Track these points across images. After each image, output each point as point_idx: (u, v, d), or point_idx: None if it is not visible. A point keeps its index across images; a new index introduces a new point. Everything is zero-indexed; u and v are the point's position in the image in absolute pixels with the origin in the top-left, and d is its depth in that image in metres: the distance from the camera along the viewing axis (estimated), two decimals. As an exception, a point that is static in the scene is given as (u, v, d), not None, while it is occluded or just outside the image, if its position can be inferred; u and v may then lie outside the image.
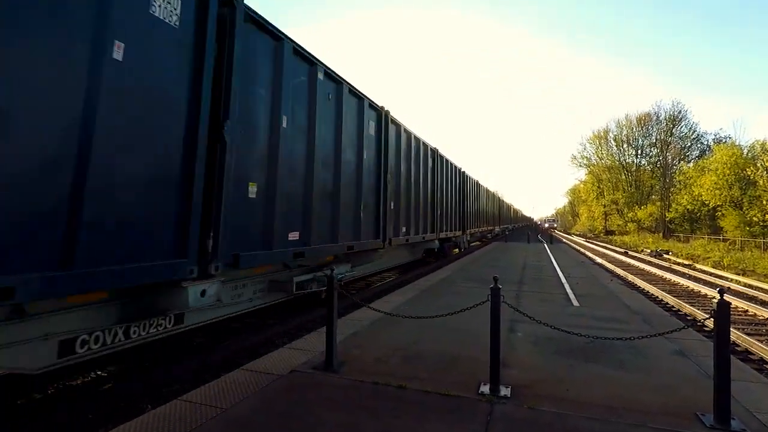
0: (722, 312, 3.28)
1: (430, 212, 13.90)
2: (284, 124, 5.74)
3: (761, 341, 7.96)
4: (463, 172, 20.57)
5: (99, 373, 5.26)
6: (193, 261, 4.28)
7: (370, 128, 8.83)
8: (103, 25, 3.41)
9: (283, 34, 5.73)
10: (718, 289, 3.47)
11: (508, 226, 52.31)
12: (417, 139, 12.28)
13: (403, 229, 10.97)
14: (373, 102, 8.90)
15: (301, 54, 6.23)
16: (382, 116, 9.44)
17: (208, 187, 4.47)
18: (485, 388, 3.87)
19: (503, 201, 50.68)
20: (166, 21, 4.01)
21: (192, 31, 4.32)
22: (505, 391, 3.83)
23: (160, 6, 3.93)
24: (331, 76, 7.11)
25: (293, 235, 6.06)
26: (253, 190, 5.23)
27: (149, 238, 3.89)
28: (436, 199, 14.55)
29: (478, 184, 25.80)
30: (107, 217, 3.49)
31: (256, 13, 5.19)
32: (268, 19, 5.42)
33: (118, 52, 3.51)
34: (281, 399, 3.70)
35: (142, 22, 3.78)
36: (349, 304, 7.37)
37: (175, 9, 4.09)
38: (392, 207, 9.96)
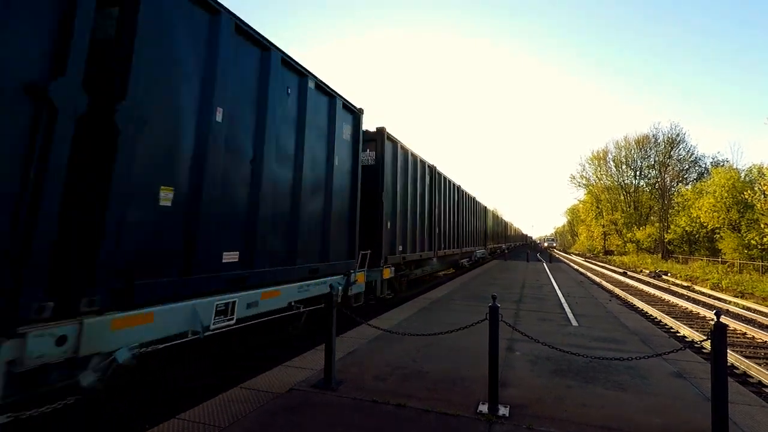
0: (719, 334, 3.30)
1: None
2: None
3: (760, 364, 7.93)
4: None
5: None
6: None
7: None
8: None
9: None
10: (715, 311, 3.50)
11: (509, 245, 52.27)
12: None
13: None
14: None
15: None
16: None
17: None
18: (484, 408, 3.87)
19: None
20: None
21: None
22: (503, 411, 3.83)
23: None
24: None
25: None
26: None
27: None
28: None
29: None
30: None
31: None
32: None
33: None
34: (279, 418, 3.70)
35: None
36: (347, 321, 7.36)
37: None
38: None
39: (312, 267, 6.56)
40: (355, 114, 8.16)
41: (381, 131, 9.69)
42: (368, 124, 10.46)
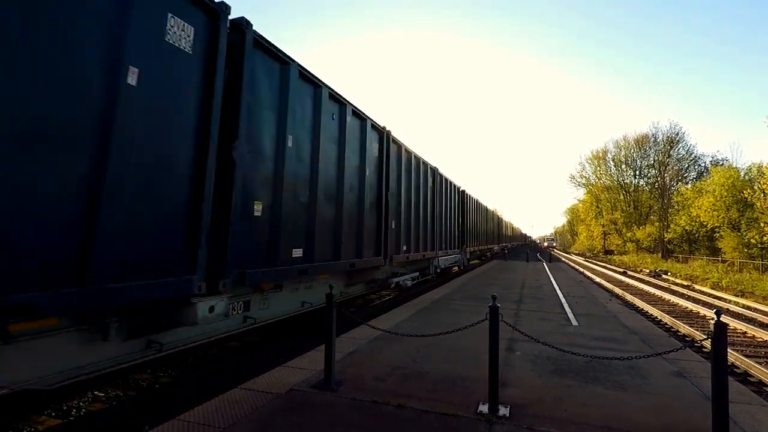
0: (720, 333, 3.30)
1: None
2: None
3: (760, 363, 7.93)
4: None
5: (96, 393, 5.22)
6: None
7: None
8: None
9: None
10: (715, 310, 3.50)
11: (508, 245, 52.28)
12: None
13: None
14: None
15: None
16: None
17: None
18: (484, 408, 3.87)
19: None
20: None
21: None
22: (503, 411, 3.82)
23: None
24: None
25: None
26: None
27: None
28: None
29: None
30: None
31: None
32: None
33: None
34: (279, 418, 3.69)
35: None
36: (348, 321, 7.35)
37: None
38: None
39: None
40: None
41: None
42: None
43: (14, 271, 2.88)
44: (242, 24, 4.98)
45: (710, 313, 12.92)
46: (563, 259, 47.35)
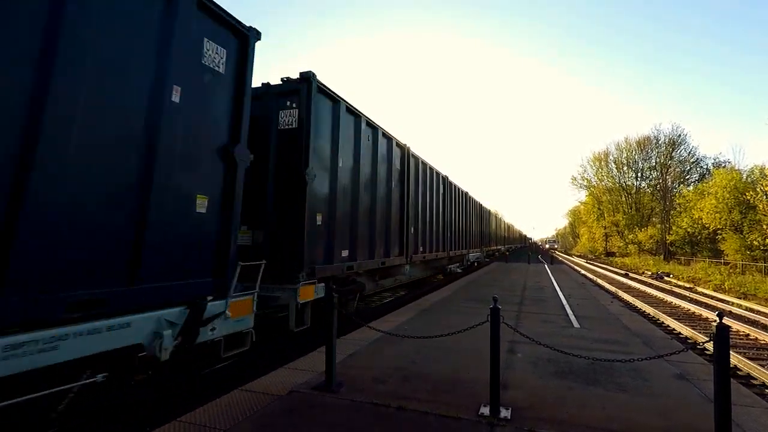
0: (722, 335, 3.28)
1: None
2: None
3: (763, 366, 7.90)
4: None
5: (97, 394, 5.21)
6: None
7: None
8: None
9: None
10: (717, 312, 3.48)
11: (510, 246, 52.22)
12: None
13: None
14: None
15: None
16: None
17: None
18: (485, 410, 3.85)
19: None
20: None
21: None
22: (505, 413, 3.81)
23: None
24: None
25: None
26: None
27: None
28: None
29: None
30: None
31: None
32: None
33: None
34: (280, 420, 3.69)
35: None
36: (348, 323, 7.35)
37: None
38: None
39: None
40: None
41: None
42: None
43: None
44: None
45: (712, 316, 12.88)
46: (565, 261, 47.26)
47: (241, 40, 5.04)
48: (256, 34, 5.19)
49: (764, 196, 30.68)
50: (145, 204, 3.79)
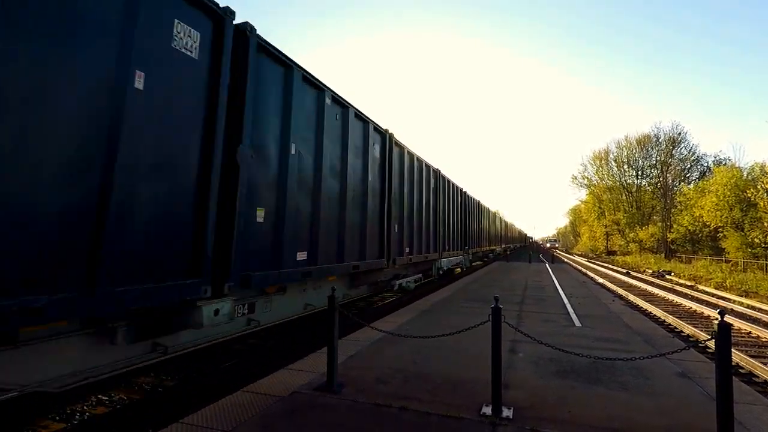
0: (723, 333, 3.28)
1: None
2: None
3: (765, 363, 7.89)
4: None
5: (100, 396, 5.23)
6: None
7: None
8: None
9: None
10: (718, 310, 3.48)
11: (510, 246, 52.21)
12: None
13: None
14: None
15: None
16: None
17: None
18: (487, 410, 3.85)
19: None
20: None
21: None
22: (507, 413, 3.81)
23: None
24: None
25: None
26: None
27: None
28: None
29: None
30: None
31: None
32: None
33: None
34: (282, 421, 3.69)
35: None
36: (349, 323, 7.36)
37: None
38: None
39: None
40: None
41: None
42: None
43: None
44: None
45: (714, 313, 12.85)
46: (566, 260, 47.25)
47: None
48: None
49: (765, 194, 30.65)
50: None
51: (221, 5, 4.58)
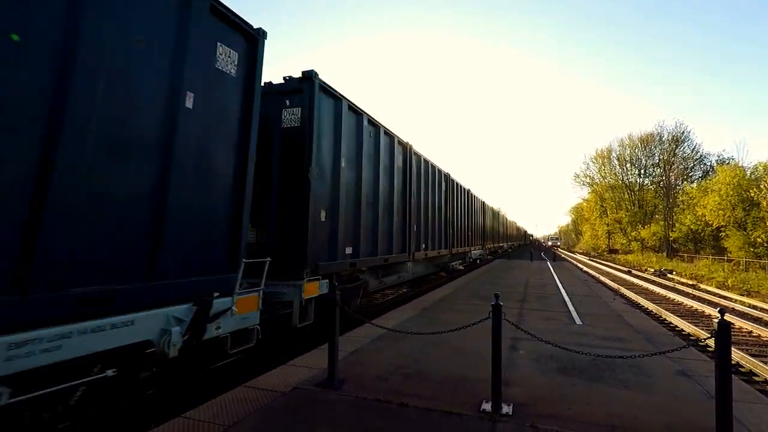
0: (723, 331, 3.29)
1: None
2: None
3: (765, 362, 7.88)
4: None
5: (102, 390, 5.25)
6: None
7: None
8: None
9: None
10: (719, 309, 3.48)
11: (512, 244, 52.18)
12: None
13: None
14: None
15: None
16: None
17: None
18: (487, 406, 3.87)
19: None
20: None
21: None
22: (506, 409, 3.83)
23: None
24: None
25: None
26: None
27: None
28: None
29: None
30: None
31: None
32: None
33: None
34: (283, 416, 3.71)
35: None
36: (351, 320, 7.38)
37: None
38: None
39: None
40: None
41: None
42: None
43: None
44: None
45: (715, 312, 12.84)
46: (567, 258, 47.20)
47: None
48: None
49: (768, 193, 30.56)
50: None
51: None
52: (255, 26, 5.12)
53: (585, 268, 32.43)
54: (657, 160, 57.34)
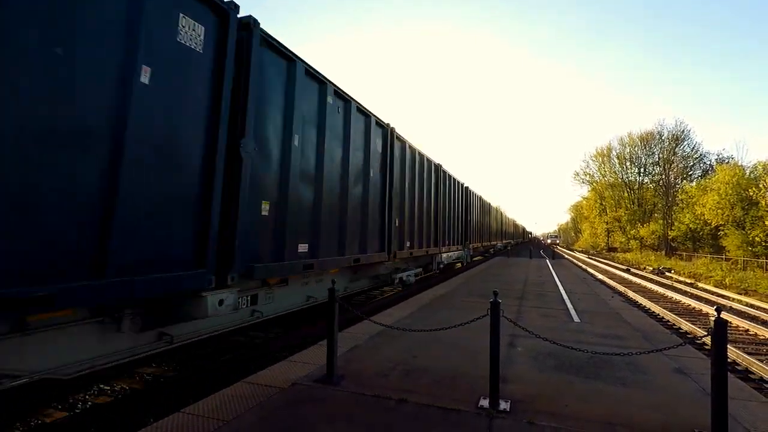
0: (719, 330, 3.31)
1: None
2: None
3: (762, 361, 7.94)
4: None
5: (102, 386, 5.29)
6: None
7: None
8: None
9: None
10: (715, 307, 3.51)
11: (511, 242, 52.22)
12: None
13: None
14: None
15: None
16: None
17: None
18: (485, 402, 3.90)
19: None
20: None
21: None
22: (504, 406, 3.85)
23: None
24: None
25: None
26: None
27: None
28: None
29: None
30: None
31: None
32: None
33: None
34: (282, 412, 3.73)
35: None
36: (349, 317, 7.40)
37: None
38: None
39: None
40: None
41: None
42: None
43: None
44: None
45: (712, 311, 12.90)
46: (566, 256, 47.25)
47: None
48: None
49: (767, 192, 30.60)
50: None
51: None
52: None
53: (584, 266, 32.50)
54: (657, 159, 57.48)
